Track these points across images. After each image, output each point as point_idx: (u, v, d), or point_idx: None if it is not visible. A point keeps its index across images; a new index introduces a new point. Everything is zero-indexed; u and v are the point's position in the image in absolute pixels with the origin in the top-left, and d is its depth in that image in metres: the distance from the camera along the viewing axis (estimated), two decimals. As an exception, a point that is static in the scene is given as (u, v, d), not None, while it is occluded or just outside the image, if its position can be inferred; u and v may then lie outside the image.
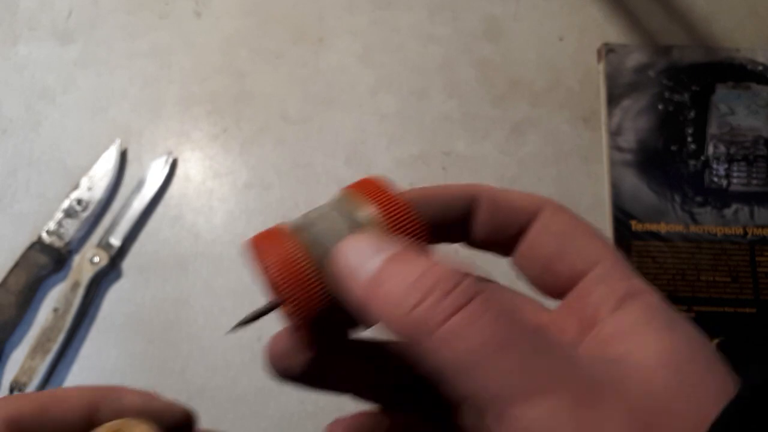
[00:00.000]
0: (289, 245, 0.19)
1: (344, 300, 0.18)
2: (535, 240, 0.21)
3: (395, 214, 0.19)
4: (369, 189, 0.20)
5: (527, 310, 0.21)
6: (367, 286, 0.17)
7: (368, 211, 0.19)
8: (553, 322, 0.20)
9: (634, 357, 0.16)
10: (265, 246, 0.19)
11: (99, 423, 0.20)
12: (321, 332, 0.19)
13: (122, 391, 0.22)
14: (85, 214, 0.52)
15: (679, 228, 0.50)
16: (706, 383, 0.16)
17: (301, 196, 0.53)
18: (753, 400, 0.15)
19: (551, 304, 0.22)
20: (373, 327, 0.20)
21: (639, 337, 0.17)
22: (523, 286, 0.22)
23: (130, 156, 0.55)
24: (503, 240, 0.21)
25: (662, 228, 0.50)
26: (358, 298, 0.17)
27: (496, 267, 0.24)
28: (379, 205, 0.19)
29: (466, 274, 0.16)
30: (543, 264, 0.20)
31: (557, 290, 0.20)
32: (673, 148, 0.53)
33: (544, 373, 0.15)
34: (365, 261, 0.17)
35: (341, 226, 0.19)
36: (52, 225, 0.51)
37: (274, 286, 0.19)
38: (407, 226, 0.19)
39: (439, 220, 0.21)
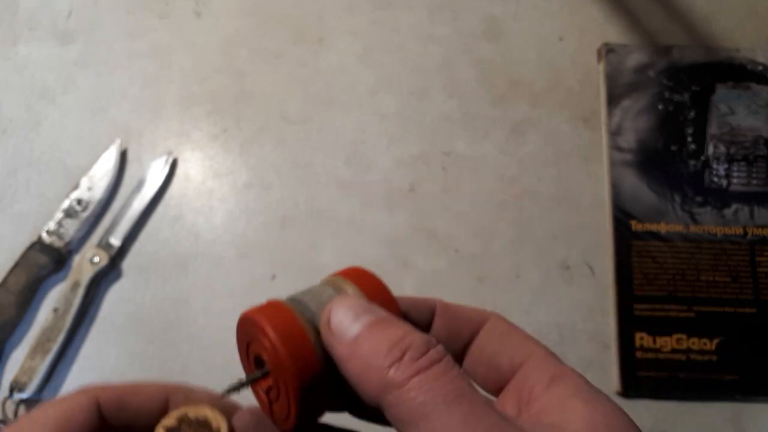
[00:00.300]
0: (286, 313, 0.21)
1: (330, 361, 0.21)
2: (482, 343, 0.24)
3: (376, 292, 0.22)
4: (353, 273, 0.23)
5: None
6: (349, 345, 0.20)
7: (353, 287, 0.23)
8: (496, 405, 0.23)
9: (567, 423, 0.19)
10: (264, 316, 0.21)
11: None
12: (306, 404, 0.21)
13: (193, 388, 0.24)
14: (85, 214, 0.52)
15: (679, 228, 0.50)
16: None
17: (301, 196, 0.53)
18: None
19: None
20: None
21: (569, 407, 0.19)
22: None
23: (130, 156, 0.55)
24: (456, 346, 0.24)
25: (662, 228, 0.50)
26: (341, 355, 0.20)
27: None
28: (362, 284, 0.23)
29: (434, 344, 0.19)
30: (488, 361, 0.24)
31: (501, 383, 0.23)
32: (673, 148, 0.53)
33: (484, 430, 0.17)
34: (350, 323, 0.20)
35: (329, 296, 0.22)
36: (52, 225, 0.51)
37: (275, 351, 0.21)
38: (386, 302, 0.22)
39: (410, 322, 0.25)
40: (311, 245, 0.52)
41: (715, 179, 0.52)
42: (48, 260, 0.50)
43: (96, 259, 0.50)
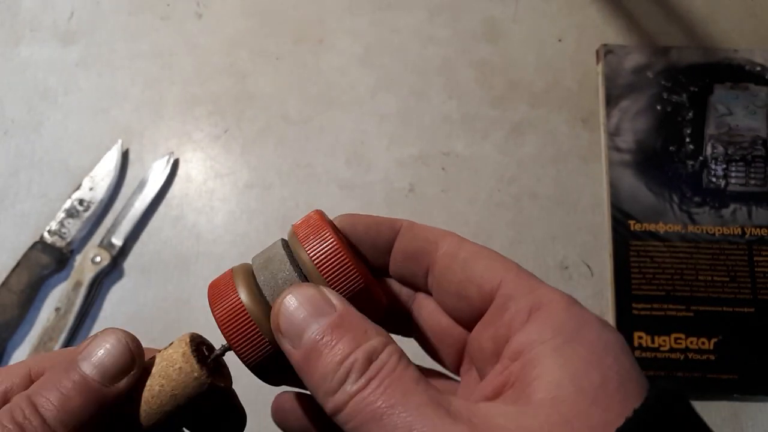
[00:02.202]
0: (235, 298, 0.22)
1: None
2: (444, 268, 0.23)
3: (330, 266, 0.22)
4: (309, 233, 0.22)
5: (446, 328, 0.24)
6: (303, 356, 0.20)
7: (307, 258, 0.22)
8: (471, 341, 0.23)
9: (530, 393, 0.18)
10: (216, 296, 0.22)
11: None
12: (267, 373, 0.23)
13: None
14: (86, 214, 0.52)
15: (677, 228, 0.51)
16: (588, 417, 0.17)
17: (302, 196, 0.54)
18: None
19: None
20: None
21: (542, 364, 0.19)
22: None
23: (131, 156, 0.55)
24: (417, 269, 0.24)
25: (660, 228, 0.51)
26: (293, 362, 0.20)
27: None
28: (315, 254, 0.22)
29: (381, 348, 0.19)
30: (455, 291, 0.23)
31: (474, 313, 0.22)
32: (672, 148, 0.53)
33: (426, 429, 0.17)
34: (304, 326, 0.20)
35: (284, 279, 0.22)
36: (54, 225, 0.52)
37: (225, 335, 0.22)
38: (340, 276, 0.22)
39: (370, 244, 0.24)
40: (312, 245, 0.52)
41: (713, 179, 0.52)
42: (50, 260, 0.50)
43: (98, 259, 0.50)
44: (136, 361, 0.21)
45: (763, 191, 0.52)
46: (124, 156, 0.55)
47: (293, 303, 0.20)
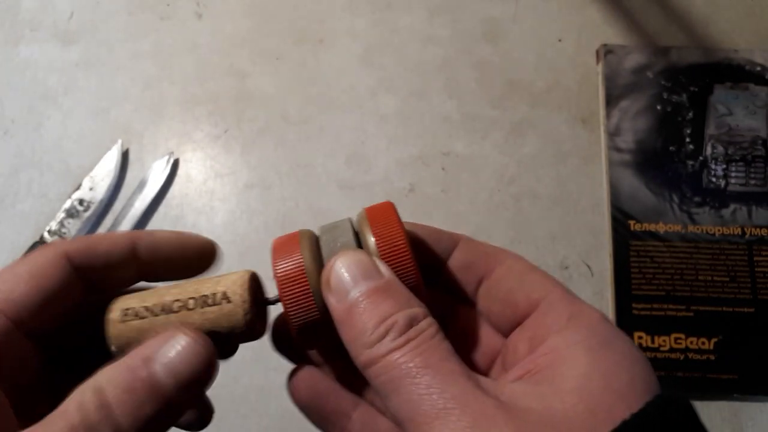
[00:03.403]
0: (296, 261, 0.22)
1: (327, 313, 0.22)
2: (498, 279, 0.24)
3: (392, 243, 0.23)
4: (379, 218, 0.23)
5: (481, 337, 0.25)
6: (343, 311, 0.21)
7: (372, 239, 0.23)
8: (507, 345, 0.24)
9: (560, 379, 0.19)
10: (279, 252, 0.23)
11: (140, 256, 0.23)
12: (309, 339, 0.23)
13: (155, 231, 0.25)
14: (87, 214, 0.52)
15: (677, 228, 0.51)
16: (613, 411, 0.18)
17: (302, 196, 0.54)
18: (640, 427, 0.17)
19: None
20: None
21: (570, 357, 0.20)
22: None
23: (131, 156, 0.55)
24: (470, 279, 0.25)
25: (660, 228, 0.51)
26: (335, 316, 0.21)
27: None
28: (382, 231, 0.23)
29: (421, 317, 0.20)
30: (504, 297, 0.24)
31: (516, 319, 0.23)
32: (672, 148, 0.53)
33: (449, 397, 0.18)
34: (347, 287, 0.21)
35: (344, 243, 0.23)
36: (54, 225, 0.52)
37: (279, 291, 0.23)
38: (398, 255, 0.23)
39: (424, 251, 0.25)
40: (312, 245, 0.52)
41: (713, 179, 0.52)
42: (50, 260, 0.50)
43: (98, 259, 0.50)
44: (213, 375, 0.20)
45: (763, 191, 0.52)
46: (124, 156, 0.55)
47: (346, 262, 0.21)
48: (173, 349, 0.19)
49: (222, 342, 0.22)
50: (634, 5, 0.59)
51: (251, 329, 0.22)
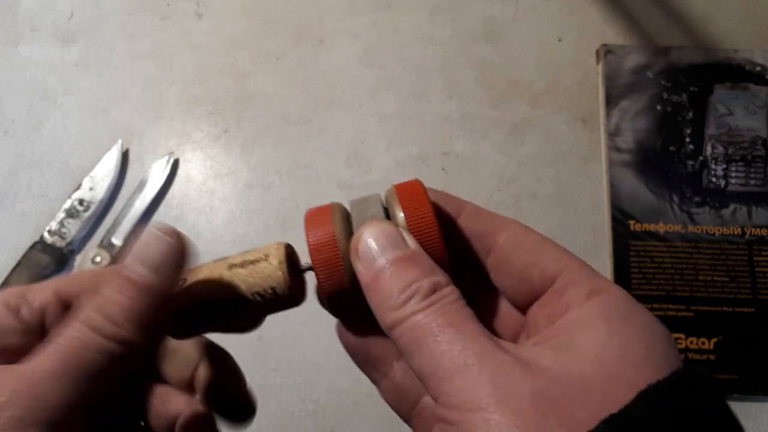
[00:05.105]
0: (328, 231, 0.24)
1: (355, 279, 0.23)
2: (508, 251, 0.24)
3: (419, 217, 0.23)
4: (408, 194, 0.24)
5: (501, 308, 0.25)
6: (371, 277, 0.22)
7: (401, 213, 0.24)
8: (526, 320, 0.24)
9: (578, 344, 0.19)
10: (312, 223, 0.24)
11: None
12: (340, 305, 0.24)
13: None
14: (87, 214, 0.52)
15: (677, 228, 0.51)
16: (628, 378, 0.18)
17: (302, 196, 0.54)
18: (653, 404, 0.17)
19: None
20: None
21: (589, 326, 0.20)
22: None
23: (131, 156, 0.55)
24: (480, 249, 0.25)
25: (660, 228, 0.51)
26: (363, 282, 0.22)
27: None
28: (409, 206, 0.24)
29: (445, 284, 0.21)
30: (518, 271, 0.24)
31: (532, 294, 0.23)
32: (672, 148, 0.53)
33: (470, 354, 0.19)
34: (375, 254, 0.22)
35: (373, 214, 0.24)
36: (54, 225, 0.52)
37: (312, 259, 0.24)
38: (426, 229, 0.23)
39: (441, 214, 0.25)
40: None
41: (713, 179, 0.52)
42: (50, 260, 0.50)
43: (98, 259, 0.50)
44: (186, 256, 0.22)
45: (763, 191, 0.52)
46: (124, 156, 0.55)
47: (373, 232, 0.22)
48: (143, 245, 0.22)
49: (268, 305, 0.24)
50: (634, 5, 0.59)
51: (290, 290, 0.24)
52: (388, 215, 0.24)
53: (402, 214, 0.23)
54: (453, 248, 0.25)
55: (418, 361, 0.20)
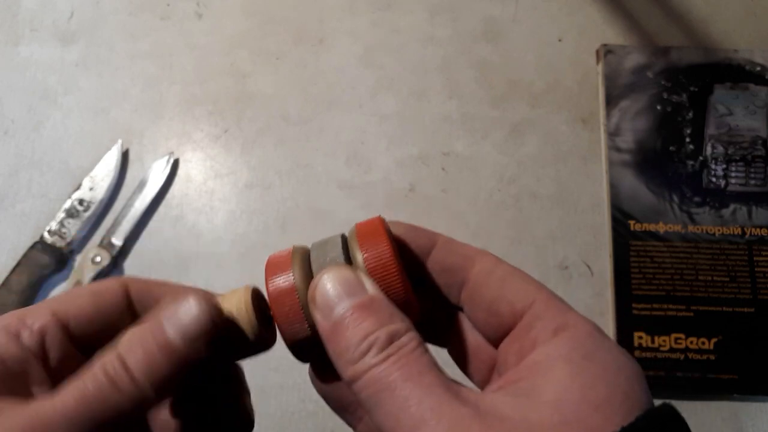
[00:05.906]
0: (287, 277, 0.23)
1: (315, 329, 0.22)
2: (479, 285, 0.24)
3: (380, 260, 0.23)
4: (368, 234, 0.24)
5: (476, 343, 0.25)
6: (329, 327, 0.21)
7: (360, 255, 0.23)
8: (498, 356, 0.24)
9: (540, 392, 0.19)
10: (271, 270, 0.23)
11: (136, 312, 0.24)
12: (305, 352, 0.24)
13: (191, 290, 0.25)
14: (86, 214, 0.52)
15: (677, 228, 0.51)
16: (587, 422, 0.18)
17: (302, 196, 0.54)
18: None
19: None
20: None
21: (552, 371, 0.20)
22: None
23: (131, 156, 0.55)
24: (453, 282, 0.25)
25: (660, 228, 0.51)
26: (321, 332, 0.22)
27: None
28: (368, 253, 0.23)
29: (403, 332, 0.21)
30: (487, 307, 0.24)
31: (502, 329, 0.23)
32: (672, 148, 0.53)
33: (426, 409, 0.19)
34: (332, 303, 0.21)
35: (332, 259, 0.23)
36: (54, 225, 0.52)
37: (272, 309, 0.23)
38: (386, 272, 0.23)
39: (412, 248, 0.25)
40: (312, 245, 0.52)
41: (713, 179, 0.52)
42: (50, 260, 0.50)
43: (98, 259, 0.50)
44: (218, 327, 0.22)
45: (763, 191, 0.52)
46: (124, 156, 0.55)
47: (331, 279, 0.22)
48: (182, 309, 0.21)
49: (237, 351, 0.24)
50: (634, 5, 0.59)
51: (263, 342, 0.24)
52: (349, 257, 0.24)
53: (360, 257, 0.23)
54: (427, 283, 0.25)
55: (378, 416, 0.20)
